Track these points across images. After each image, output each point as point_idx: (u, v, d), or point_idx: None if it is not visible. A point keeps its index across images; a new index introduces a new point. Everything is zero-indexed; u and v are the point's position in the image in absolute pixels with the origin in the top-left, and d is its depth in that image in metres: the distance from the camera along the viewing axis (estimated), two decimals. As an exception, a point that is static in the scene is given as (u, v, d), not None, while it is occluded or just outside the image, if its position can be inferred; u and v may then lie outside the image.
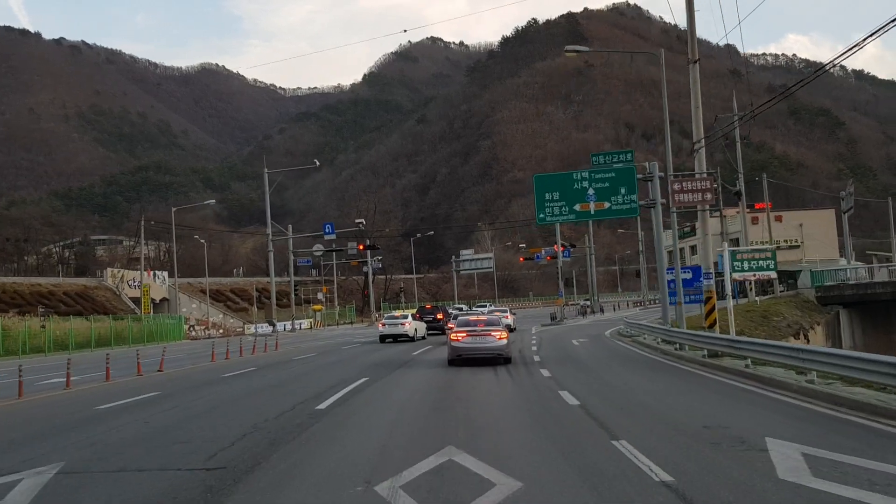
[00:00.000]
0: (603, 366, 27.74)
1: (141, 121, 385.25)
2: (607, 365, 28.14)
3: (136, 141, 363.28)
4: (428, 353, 37.40)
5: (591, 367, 26.97)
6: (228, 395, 20.75)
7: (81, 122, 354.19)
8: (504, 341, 28.69)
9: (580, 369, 26.35)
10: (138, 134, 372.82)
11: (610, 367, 26.97)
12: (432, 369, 27.64)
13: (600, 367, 26.97)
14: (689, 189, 30.64)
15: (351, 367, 29.63)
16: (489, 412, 16.18)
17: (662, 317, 44.77)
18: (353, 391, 20.60)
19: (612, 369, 26.23)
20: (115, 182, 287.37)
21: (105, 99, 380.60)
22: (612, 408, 16.49)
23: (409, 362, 31.26)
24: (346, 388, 21.14)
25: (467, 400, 18.23)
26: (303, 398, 19.13)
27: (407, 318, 50.97)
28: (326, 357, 36.71)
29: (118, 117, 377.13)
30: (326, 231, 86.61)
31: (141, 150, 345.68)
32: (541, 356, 32.26)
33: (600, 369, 26.21)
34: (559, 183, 46.89)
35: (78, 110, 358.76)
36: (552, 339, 46.39)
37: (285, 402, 18.52)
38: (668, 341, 34.78)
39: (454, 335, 28.90)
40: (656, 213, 46.52)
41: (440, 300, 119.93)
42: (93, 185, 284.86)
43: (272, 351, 43.93)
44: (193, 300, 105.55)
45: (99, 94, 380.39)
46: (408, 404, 17.77)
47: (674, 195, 30.42)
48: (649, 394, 18.91)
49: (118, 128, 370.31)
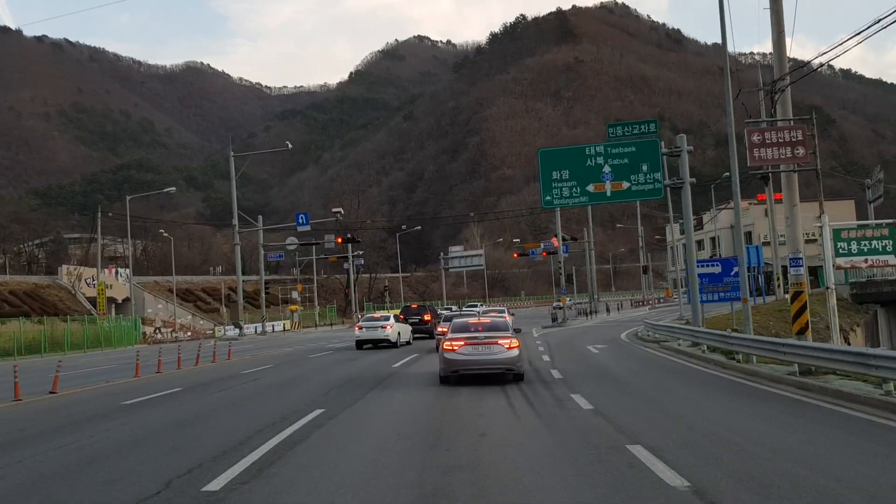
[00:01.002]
0: (653, 386, 20.32)
1: (124, 119, 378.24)
2: (658, 384, 20.74)
3: (118, 139, 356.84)
4: (413, 363, 29.95)
5: (640, 390, 19.51)
6: (74, 457, 12.43)
7: (63, 121, 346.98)
8: (515, 352, 21.37)
9: (624, 391, 18.99)
10: (121, 132, 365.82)
11: (665, 389, 19.56)
12: (418, 391, 20.31)
13: (652, 389, 19.55)
14: (773, 141, 22.19)
15: (307, 388, 22.03)
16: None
17: (692, 317, 37.88)
18: (288, 441, 12.91)
19: (670, 392, 18.85)
20: (96, 180, 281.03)
21: (87, 97, 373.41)
22: (747, 488, 9.13)
23: (388, 379, 23.73)
24: (281, 436, 13.40)
25: (476, 467, 10.51)
26: (198, 459, 11.41)
27: (389, 319, 42.93)
28: (282, 371, 29.00)
29: (101, 115, 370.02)
30: (300, 222, 76.17)
31: (123, 149, 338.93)
32: (559, 369, 24.83)
33: (654, 392, 18.83)
34: (569, 159, 39.56)
35: (59, 108, 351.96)
36: (562, 345, 38.91)
37: (165, 469, 10.93)
38: (720, 349, 27.51)
39: (448, 343, 21.52)
40: (685, 194, 39.40)
41: (428, 300, 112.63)
42: (73, 184, 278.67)
43: (223, 360, 36.17)
44: (160, 300, 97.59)
45: (81, 92, 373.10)
46: (374, 480, 10.06)
47: (752, 150, 22.22)
48: (778, 452, 11.19)
49: (100, 126, 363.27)
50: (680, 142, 38.71)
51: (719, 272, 41.43)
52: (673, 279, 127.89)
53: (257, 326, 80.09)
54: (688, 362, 27.11)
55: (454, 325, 23.62)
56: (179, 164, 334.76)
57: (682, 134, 40.18)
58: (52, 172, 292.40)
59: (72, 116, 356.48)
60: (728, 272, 41.85)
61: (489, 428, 13.81)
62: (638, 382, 21.04)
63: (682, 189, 38.62)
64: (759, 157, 22.31)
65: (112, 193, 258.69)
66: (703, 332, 29.44)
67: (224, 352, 40.23)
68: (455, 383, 21.26)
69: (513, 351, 21.28)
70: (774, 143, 22.09)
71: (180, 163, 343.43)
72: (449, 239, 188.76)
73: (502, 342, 21.29)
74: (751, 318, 27.06)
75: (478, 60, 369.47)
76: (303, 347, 47.70)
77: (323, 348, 44.85)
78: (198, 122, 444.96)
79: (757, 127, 23.08)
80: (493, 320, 24.52)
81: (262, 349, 48.29)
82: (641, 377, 22.56)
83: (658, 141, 38.26)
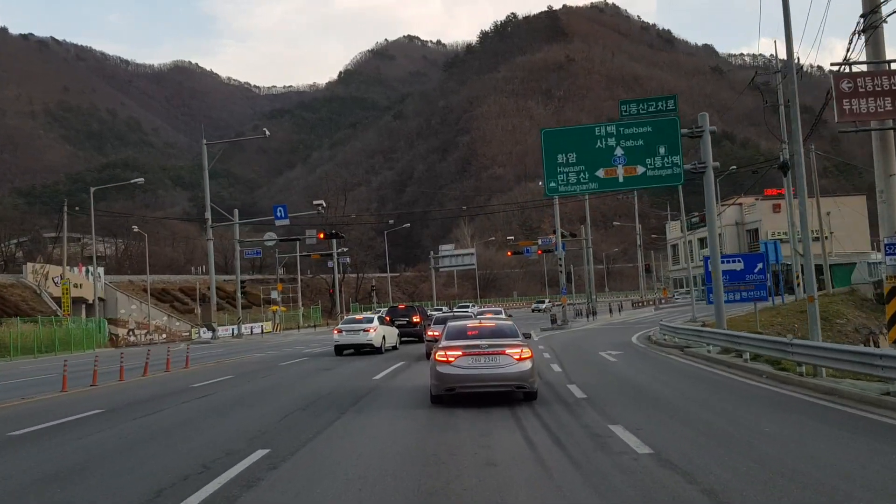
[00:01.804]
0: (714, 412, 15.26)
1: (110, 118, 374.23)
2: (718, 409, 15.68)
3: (104, 139, 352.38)
4: (399, 374, 25.15)
5: (701, 418, 14.54)
6: None
7: (48, 119, 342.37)
8: (527, 364, 16.56)
9: (680, 420, 14.14)
10: (107, 131, 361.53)
11: (733, 416, 14.52)
12: (404, 417, 15.53)
13: (716, 418, 14.54)
14: (870, 90, 17.08)
15: (260, 411, 17.11)
16: None
17: (717, 319, 33.29)
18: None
19: (744, 422, 13.81)
20: (81, 180, 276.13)
21: (73, 96, 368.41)
22: None
23: (367, 397, 18.90)
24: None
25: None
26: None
27: (372, 321, 37.72)
28: (241, 384, 23.96)
29: (87, 114, 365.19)
30: (278, 215, 70.02)
31: (109, 148, 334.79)
32: (578, 384, 19.95)
33: (723, 423, 13.86)
34: (576, 141, 34.73)
35: (45, 107, 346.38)
36: (570, 351, 33.99)
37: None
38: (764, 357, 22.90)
39: (442, 353, 16.69)
40: (707, 180, 34.72)
41: (417, 301, 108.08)
42: (58, 183, 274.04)
43: (179, 369, 31.27)
44: (133, 300, 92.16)
45: (68, 90, 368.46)
46: None
47: (840, 101, 17.23)
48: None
49: (86, 125, 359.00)
50: (701, 121, 34.13)
51: (741, 269, 36.97)
52: (674, 279, 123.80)
53: (234, 329, 75.15)
54: (731, 374, 22.32)
55: (449, 330, 18.61)
56: (167, 164, 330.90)
57: (704, 112, 35.49)
58: (37, 171, 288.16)
59: (57, 115, 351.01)
60: (751, 269, 37.33)
61: (506, 492, 9.12)
62: (690, 406, 16.08)
63: (703, 175, 34.01)
64: (849, 109, 17.35)
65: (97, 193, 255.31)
66: (747, 337, 24.59)
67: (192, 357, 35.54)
68: (450, 404, 16.63)
69: (524, 363, 16.51)
70: (871, 93, 17.14)
71: (167, 162, 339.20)
72: (439, 239, 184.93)
73: (511, 352, 16.50)
74: (819, 319, 22.29)
75: (468, 59, 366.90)
76: (277, 353, 42.56)
77: (299, 354, 39.82)
78: (185, 121, 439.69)
79: (847, 73, 18.02)
80: (497, 324, 19.70)
81: (232, 354, 43.35)
82: (688, 397, 17.59)
83: (677, 120, 33.68)
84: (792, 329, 42.39)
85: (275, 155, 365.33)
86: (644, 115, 34.08)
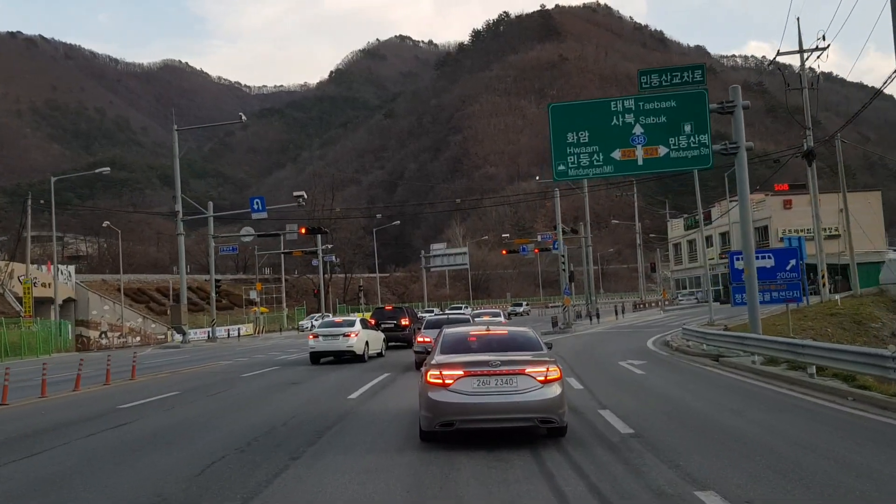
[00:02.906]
0: (836, 463, 10.42)
1: (98, 117, 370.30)
2: (829, 452, 10.89)
3: (92, 137, 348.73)
4: (382, 392, 20.37)
5: (829, 477, 9.63)
6: None
7: (35, 118, 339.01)
8: (554, 389, 11.74)
9: (791, 476, 9.41)
10: (95, 130, 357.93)
11: (864, 470, 9.96)
12: (383, 468, 10.76)
13: (844, 474, 9.80)
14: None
15: (179, 455, 12.18)
16: None
17: (751, 323, 28.83)
18: None
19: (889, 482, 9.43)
20: (67, 178, 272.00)
21: (61, 94, 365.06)
22: None
23: (333, 430, 13.98)
24: None
25: None
26: None
27: (353, 325, 32.50)
28: (179, 406, 18.81)
29: (74, 113, 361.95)
30: (254, 208, 63.44)
31: (97, 147, 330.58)
32: (613, 409, 15.19)
33: (866, 487, 9.24)
34: (589, 117, 29.78)
35: (32, 105, 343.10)
36: (583, 360, 28.87)
37: None
38: (828, 369, 18.40)
39: (436, 372, 11.85)
40: (740, 162, 30.16)
41: (408, 302, 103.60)
42: (43, 182, 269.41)
43: (122, 381, 26.32)
44: (106, 301, 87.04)
45: (55, 89, 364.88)
46: None
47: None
48: None
49: (74, 124, 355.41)
50: (733, 94, 29.50)
51: (772, 266, 32.19)
52: (676, 279, 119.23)
53: (210, 331, 70.28)
54: (804, 394, 17.39)
55: (445, 340, 13.64)
56: (154, 163, 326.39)
57: (736, 84, 30.89)
58: (23, 171, 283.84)
59: (45, 114, 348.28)
60: (783, 266, 32.53)
61: None
62: (797, 453, 11.00)
63: (735, 156, 29.43)
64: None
65: (84, 192, 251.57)
66: (816, 347, 19.73)
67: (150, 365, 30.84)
68: (446, 442, 11.99)
69: (552, 388, 11.73)
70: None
71: (156, 161, 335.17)
72: (430, 239, 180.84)
73: (533, 371, 11.72)
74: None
75: (460, 58, 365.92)
76: (247, 360, 37.39)
77: (271, 361, 34.74)
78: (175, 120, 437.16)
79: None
80: (509, 331, 14.41)
81: (196, 361, 38.17)
82: (781, 434, 12.48)
83: (706, 93, 29.12)
84: (824, 333, 38.07)
85: (265, 155, 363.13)
86: (667, 87, 29.48)
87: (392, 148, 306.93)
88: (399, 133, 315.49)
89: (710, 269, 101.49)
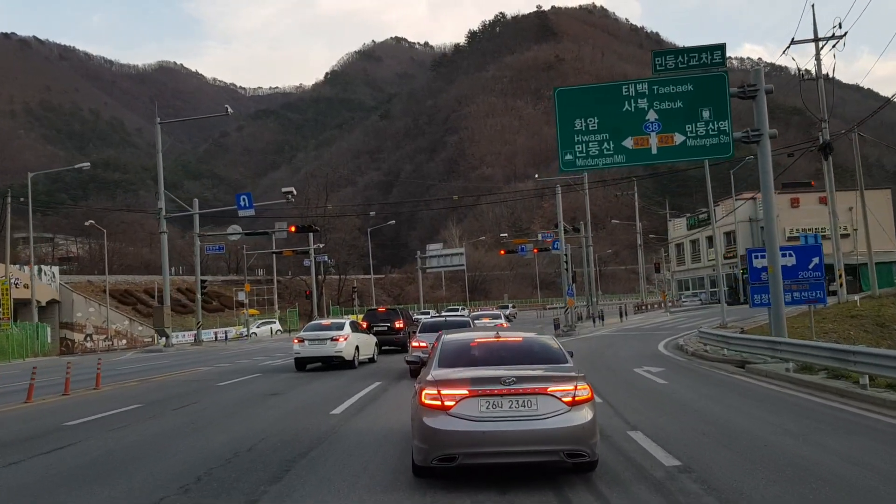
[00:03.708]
0: None
1: (93, 118, 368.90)
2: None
3: (86, 138, 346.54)
4: (370, 405, 18.04)
5: None
6: None
7: (29, 119, 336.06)
8: (584, 413, 9.42)
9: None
10: (89, 132, 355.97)
11: None
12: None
13: None
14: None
15: (107, 493, 9.98)
16: None
17: (774, 325, 26.56)
18: None
19: None
20: (60, 179, 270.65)
21: (56, 95, 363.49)
22: None
23: (308, 458, 11.59)
24: None
25: None
26: None
27: (342, 328, 29.94)
28: (134, 423, 16.27)
29: (69, 114, 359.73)
30: (241, 204, 58.94)
31: (91, 148, 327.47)
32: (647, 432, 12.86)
33: None
34: (598, 102, 27.26)
35: (26, 106, 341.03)
36: (594, 366, 26.08)
37: None
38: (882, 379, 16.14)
39: (433, 393, 9.36)
40: (763, 151, 27.87)
41: (403, 303, 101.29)
42: (37, 183, 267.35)
43: (83, 391, 23.76)
44: (92, 302, 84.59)
45: (49, 90, 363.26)
46: None
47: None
48: None
49: (68, 125, 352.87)
50: (755, 77, 27.21)
51: (793, 264, 29.72)
52: (678, 280, 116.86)
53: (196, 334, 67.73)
54: (860, 409, 15.05)
55: (445, 350, 10.88)
56: (149, 164, 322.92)
57: (759, 67, 28.49)
58: (16, 171, 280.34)
59: (39, 115, 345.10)
60: (805, 265, 30.04)
61: None
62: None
63: (758, 144, 27.15)
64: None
65: (77, 193, 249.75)
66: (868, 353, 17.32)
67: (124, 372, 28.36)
68: (446, 480, 9.60)
69: (580, 411, 9.39)
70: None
71: (150, 162, 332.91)
72: (426, 240, 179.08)
73: (558, 390, 9.39)
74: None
75: (456, 59, 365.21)
76: (229, 365, 34.84)
77: (254, 368, 32.17)
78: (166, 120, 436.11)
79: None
80: (524, 337, 11.60)
81: (174, 367, 35.42)
82: (864, 466, 10.09)
83: (726, 76, 26.82)
84: (847, 336, 35.80)
85: (260, 156, 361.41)
86: (683, 69, 27.18)
87: (388, 149, 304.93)
88: (395, 134, 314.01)
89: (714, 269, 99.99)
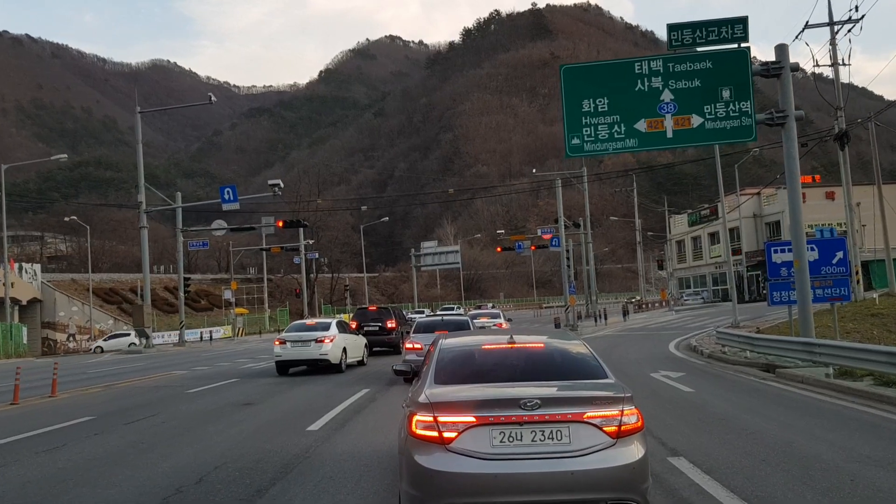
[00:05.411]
0: None
1: (85, 116, 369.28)
2: None
3: (79, 137, 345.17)
4: (355, 418, 15.66)
5: None
6: None
7: (21, 117, 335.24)
8: (633, 448, 6.62)
9: None
10: (81, 130, 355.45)
11: None
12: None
13: None
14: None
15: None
16: None
17: (802, 324, 24.30)
18: None
19: None
20: (52, 178, 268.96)
21: (48, 93, 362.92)
22: None
23: (270, 498, 9.19)
24: None
25: None
26: None
27: (328, 328, 27.36)
28: (76, 443, 13.72)
29: (61, 112, 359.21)
30: (225, 198, 55.31)
31: (84, 147, 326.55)
32: (695, 461, 10.47)
33: None
34: (608, 81, 24.54)
35: (18, 104, 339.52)
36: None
37: None
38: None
39: (427, 419, 6.63)
40: (788, 135, 25.48)
41: (397, 302, 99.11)
42: (27, 181, 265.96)
43: (38, 399, 21.23)
44: (75, 301, 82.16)
45: (41, 88, 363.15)
46: None
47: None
48: None
49: (60, 123, 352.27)
50: (779, 54, 24.88)
51: (816, 259, 27.26)
52: (679, 278, 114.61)
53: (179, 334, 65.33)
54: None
55: (442, 360, 7.83)
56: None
57: (783, 43, 26.13)
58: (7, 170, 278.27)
59: (30, 113, 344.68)
60: (828, 259, 27.55)
61: None
62: None
63: (783, 127, 24.81)
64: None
65: (69, 191, 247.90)
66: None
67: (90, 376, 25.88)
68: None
69: (629, 446, 6.68)
70: None
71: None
72: (421, 239, 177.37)
73: (597, 416, 6.64)
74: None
75: (451, 56, 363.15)
76: (205, 369, 32.23)
77: (233, 372, 29.66)
78: (163, 120, 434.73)
79: None
80: (547, 344, 8.45)
81: (148, 370, 32.77)
82: None
83: (748, 52, 24.49)
84: (871, 336, 33.42)
85: (253, 154, 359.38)
86: (701, 44, 24.82)
87: (382, 147, 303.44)
88: (389, 132, 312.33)
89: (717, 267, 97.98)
